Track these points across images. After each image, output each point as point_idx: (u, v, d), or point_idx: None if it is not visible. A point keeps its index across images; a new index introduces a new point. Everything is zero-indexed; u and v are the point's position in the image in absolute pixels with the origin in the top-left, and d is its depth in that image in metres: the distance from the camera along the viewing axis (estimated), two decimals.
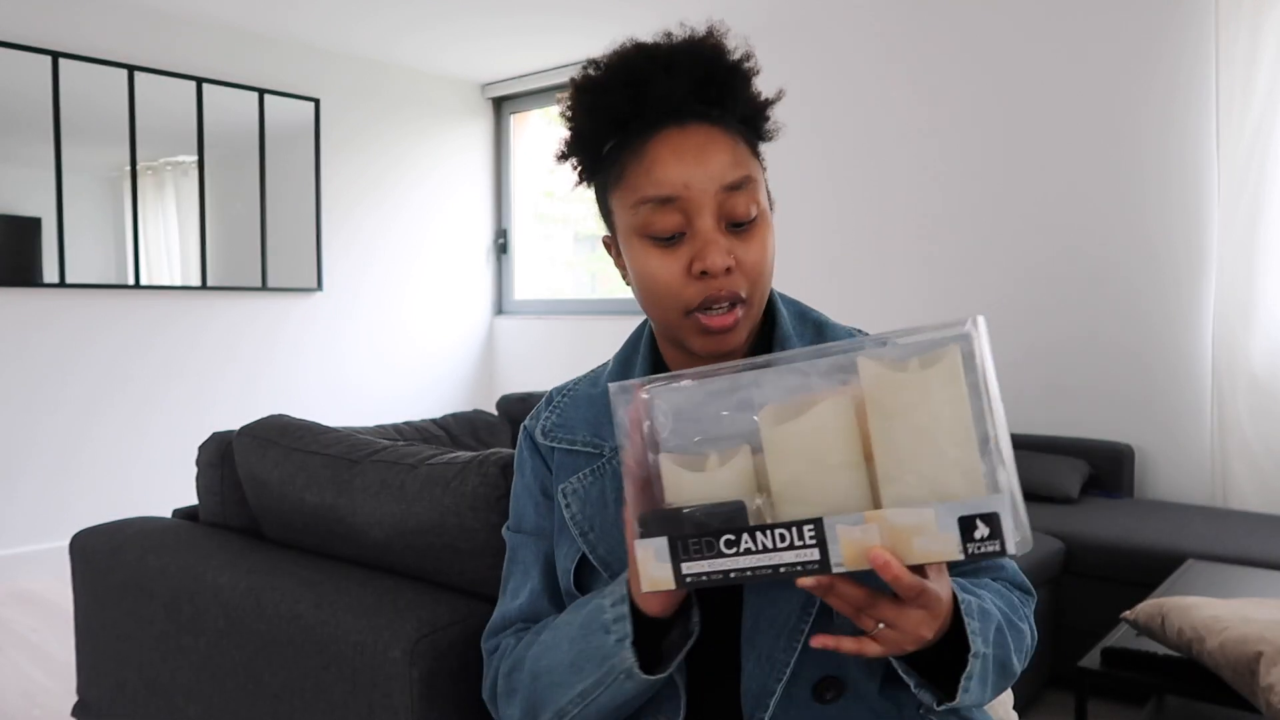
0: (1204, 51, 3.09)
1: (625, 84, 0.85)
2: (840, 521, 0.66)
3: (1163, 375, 3.19)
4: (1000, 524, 0.63)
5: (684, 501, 0.71)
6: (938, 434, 0.65)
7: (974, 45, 3.60)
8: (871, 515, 0.65)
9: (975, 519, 0.63)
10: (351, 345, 4.79)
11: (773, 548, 0.67)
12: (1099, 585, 2.52)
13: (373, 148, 4.83)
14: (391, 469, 1.31)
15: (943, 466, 0.65)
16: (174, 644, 1.45)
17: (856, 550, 0.66)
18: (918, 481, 0.66)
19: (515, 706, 0.91)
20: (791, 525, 0.67)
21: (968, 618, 0.76)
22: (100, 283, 3.88)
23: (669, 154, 0.82)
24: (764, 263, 0.84)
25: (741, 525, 0.68)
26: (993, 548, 0.63)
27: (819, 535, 0.66)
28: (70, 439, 3.84)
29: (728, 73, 0.86)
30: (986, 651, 0.77)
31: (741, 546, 0.68)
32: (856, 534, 0.66)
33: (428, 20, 4.24)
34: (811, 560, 0.67)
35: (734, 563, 0.68)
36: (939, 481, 0.65)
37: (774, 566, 0.67)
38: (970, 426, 0.65)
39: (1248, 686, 1.52)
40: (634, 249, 0.86)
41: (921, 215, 3.74)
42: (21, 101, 3.65)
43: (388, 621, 1.13)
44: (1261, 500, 2.95)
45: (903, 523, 0.65)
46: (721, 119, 0.85)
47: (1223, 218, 3.02)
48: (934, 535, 0.64)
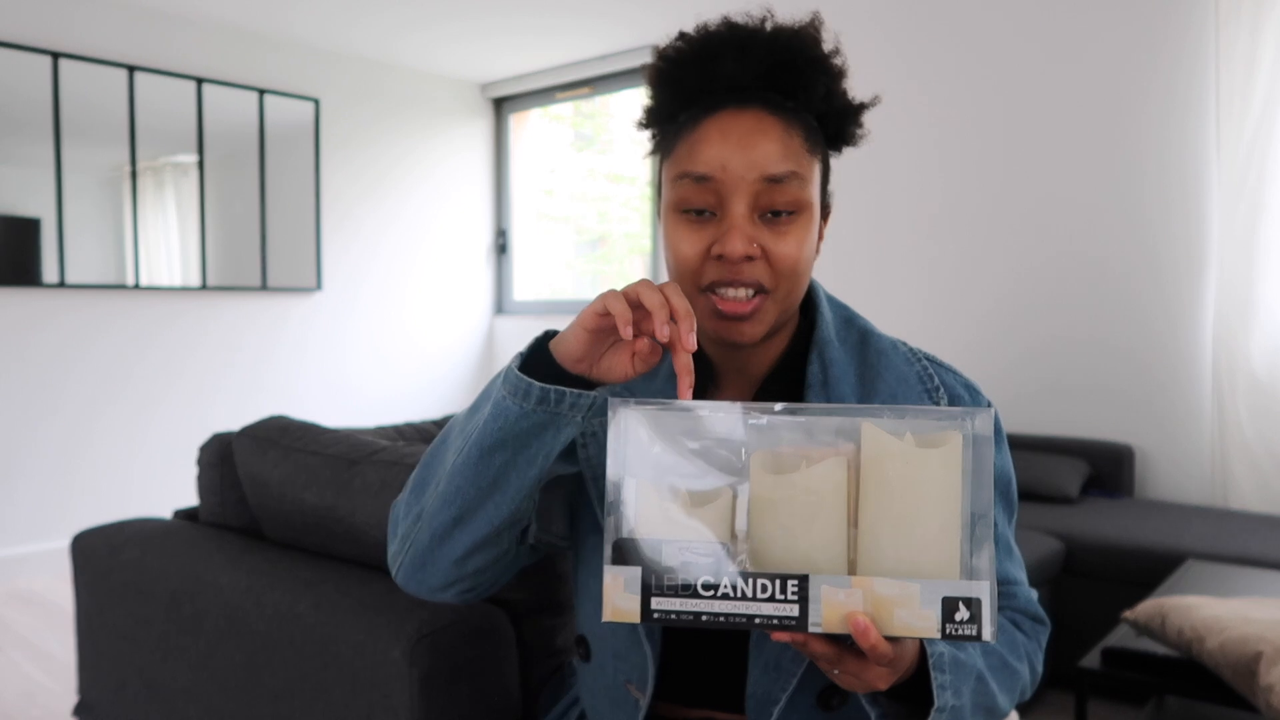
0: (1204, 52, 3.09)
1: (699, 59, 0.84)
2: (826, 581, 0.66)
3: (1163, 375, 3.19)
4: (982, 610, 0.64)
5: (659, 534, 0.68)
6: (927, 513, 0.66)
7: (974, 45, 3.60)
8: (858, 580, 0.66)
9: (959, 601, 0.64)
10: (351, 345, 4.79)
11: (752, 597, 0.66)
12: (1099, 585, 2.52)
13: (373, 148, 4.83)
14: (391, 469, 1.31)
15: (926, 545, 0.66)
16: (174, 644, 1.45)
17: (837, 612, 0.66)
18: (898, 555, 0.66)
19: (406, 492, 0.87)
20: (775, 577, 0.66)
21: (937, 671, 0.75)
22: (100, 283, 3.88)
23: (717, 134, 0.82)
24: (797, 259, 0.82)
25: (724, 571, 0.67)
26: (970, 632, 0.64)
27: (802, 592, 0.66)
28: (70, 439, 3.84)
29: (808, 63, 0.84)
30: (958, 703, 0.77)
31: (720, 591, 0.67)
32: (840, 596, 0.66)
33: (428, 20, 4.24)
34: (789, 616, 0.66)
35: (709, 606, 0.67)
36: (920, 559, 0.66)
37: (749, 616, 0.66)
38: (959, 513, 0.66)
39: (1248, 686, 1.52)
40: (669, 221, 0.86)
41: (921, 215, 3.74)
42: (21, 101, 3.65)
43: (388, 621, 1.13)
44: (1261, 500, 2.95)
45: (887, 593, 0.65)
46: (788, 109, 0.83)
47: (1223, 218, 3.02)
48: (915, 610, 0.65)
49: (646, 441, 0.70)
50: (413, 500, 0.85)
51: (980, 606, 0.64)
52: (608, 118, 5.19)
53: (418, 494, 0.85)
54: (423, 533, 0.83)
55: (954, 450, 0.66)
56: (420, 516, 0.83)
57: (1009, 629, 0.90)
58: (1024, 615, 0.93)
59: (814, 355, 0.89)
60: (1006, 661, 0.86)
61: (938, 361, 0.92)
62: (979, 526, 0.66)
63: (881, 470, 0.67)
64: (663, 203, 0.88)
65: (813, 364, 0.89)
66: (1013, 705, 0.86)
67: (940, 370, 0.91)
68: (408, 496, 0.87)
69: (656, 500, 0.69)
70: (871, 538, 0.67)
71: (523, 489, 0.79)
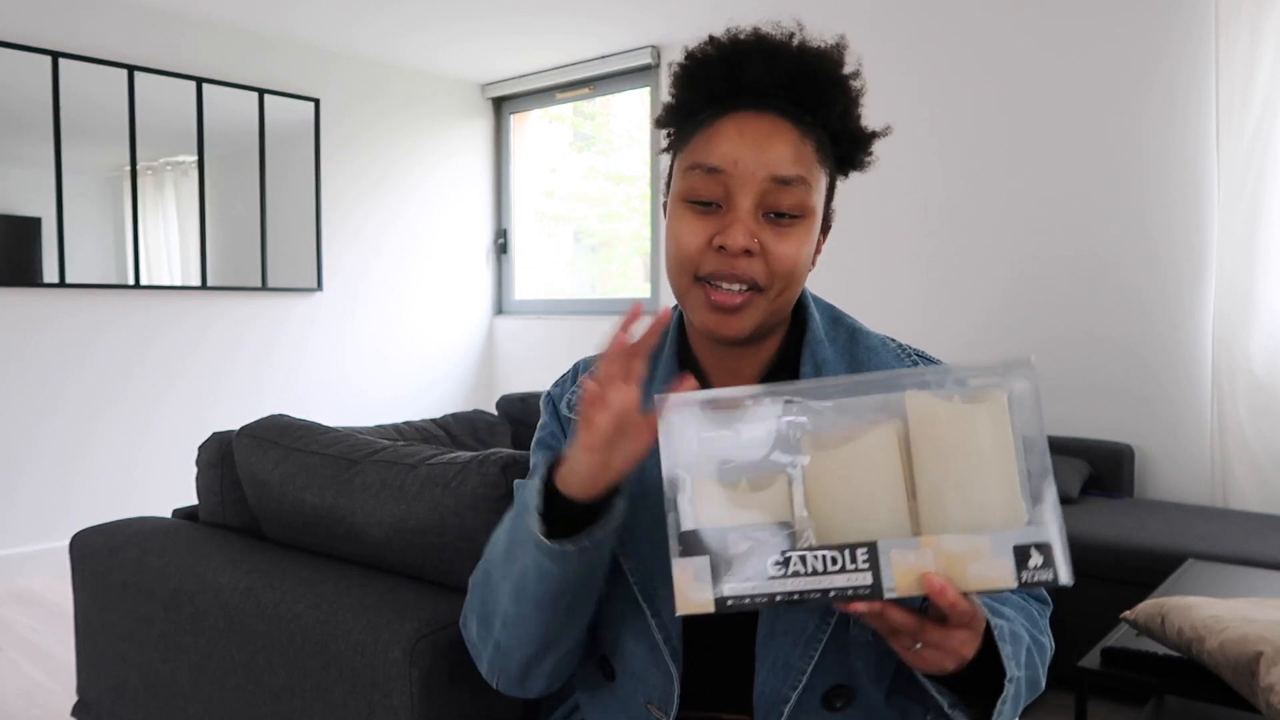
0: (1204, 52, 3.09)
1: (726, 61, 0.86)
2: (895, 546, 0.66)
3: (1163, 375, 3.19)
4: (1054, 554, 0.65)
5: (721, 523, 0.68)
6: (984, 467, 0.66)
7: (974, 46, 3.60)
8: (926, 540, 0.66)
9: (1030, 548, 0.65)
10: (351, 345, 4.79)
11: (823, 571, 0.66)
12: (1099, 585, 2.52)
13: (373, 148, 4.83)
14: (391, 469, 1.31)
15: (987, 499, 0.66)
16: (174, 644, 1.45)
17: (910, 575, 0.65)
18: (962, 512, 0.66)
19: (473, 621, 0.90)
20: (844, 548, 0.66)
21: (1001, 643, 0.76)
22: (100, 283, 3.88)
23: (733, 130, 0.84)
24: (794, 261, 0.84)
25: (792, 546, 0.67)
26: (1046, 576, 0.64)
27: (872, 559, 0.66)
28: (70, 439, 3.84)
29: (830, 81, 0.86)
30: (1020, 675, 0.77)
31: (790, 569, 0.67)
32: (911, 558, 0.66)
33: (428, 20, 4.24)
34: (864, 585, 0.66)
35: (781, 585, 0.67)
36: (983, 514, 0.66)
37: (823, 590, 0.66)
38: (1014, 462, 0.66)
39: (1248, 686, 1.52)
40: (674, 211, 0.87)
41: (922, 215, 3.74)
42: (21, 101, 3.64)
43: (388, 621, 1.13)
44: (1261, 500, 2.95)
45: (958, 549, 0.65)
46: (805, 120, 0.85)
47: (1223, 218, 3.02)
48: (989, 562, 0.65)
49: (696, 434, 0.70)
50: (483, 632, 0.88)
51: (1052, 550, 0.64)
52: (608, 118, 5.18)
53: (486, 626, 0.88)
54: (510, 661, 0.86)
55: (999, 404, 0.67)
56: (500, 648, 0.86)
57: (1026, 607, 0.90)
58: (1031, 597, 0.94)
59: (806, 356, 0.90)
60: (1036, 637, 0.87)
61: (928, 357, 0.93)
62: (1036, 475, 0.66)
63: (933, 432, 0.67)
64: (670, 194, 0.89)
65: (805, 365, 0.90)
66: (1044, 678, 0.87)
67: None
68: (477, 628, 0.90)
69: (715, 490, 0.69)
70: (933, 499, 0.67)
71: (590, 604, 0.84)
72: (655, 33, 4.33)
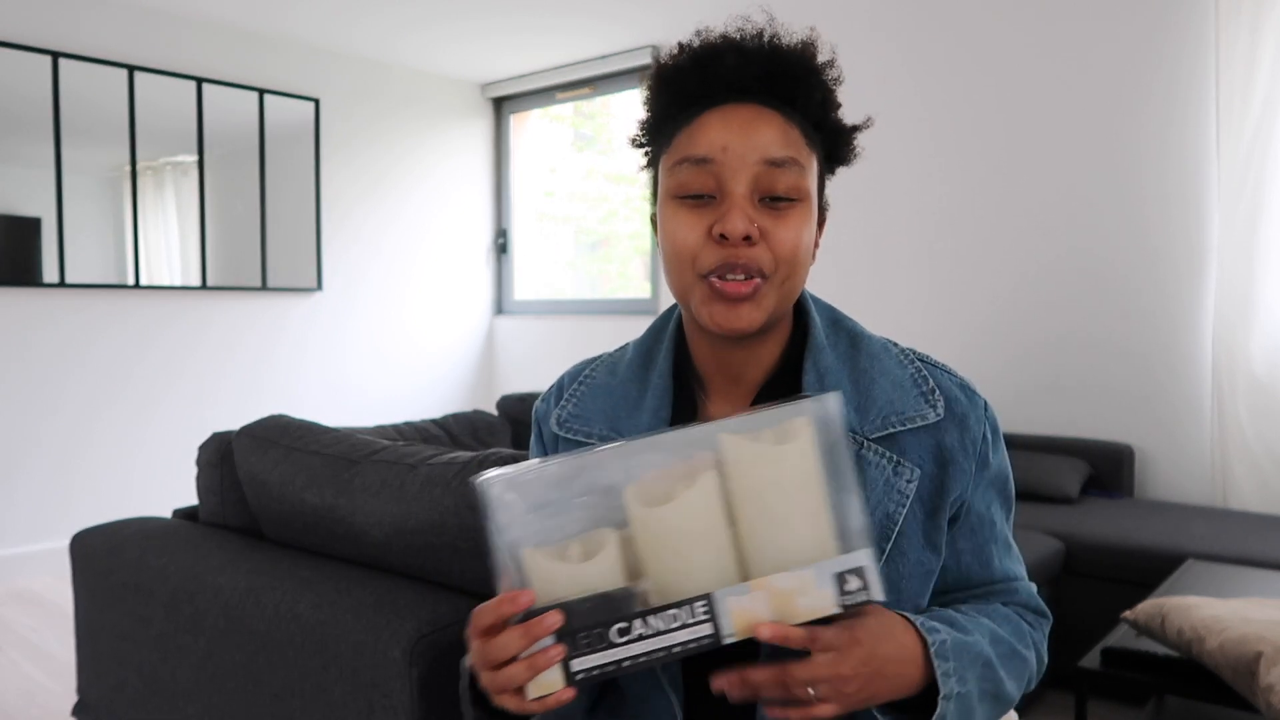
0: (1204, 52, 3.09)
1: (699, 63, 0.85)
2: (730, 593, 0.69)
3: (1163, 375, 3.19)
4: (868, 575, 0.70)
5: (559, 596, 0.69)
6: (797, 504, 0.71)
7: (975, 46, 3.60)
8: (756, 583, 0.69)
9: (847, 574, 0.70)
10: (351, 345, 4.79)
11: (665, 629, 0.69)
12: (1099, 585, 2.52)
13: (373, 148, 4.83)
14: (391, 469, 1.31)
15: (804, 534, 0.70)
16: (174, 644, 1.45)
17: (745, 618, 0.69)
18: (784, 549, 0.70)
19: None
20: (683, 604, 0.69)
21: (939, 659, 0.76)
22: (100, 283, 3.88)
23: (718, 120, 0.82)
24: (796, 245, 0.82)
25: (634, 611, 0.68)
26: (864, 597, 0.70)
27: (710, 609, 0.69)
28: (70, 439, 3.84)
29: (806, 73, 0.85)
30: (964, 690, 0.77)
31: (634, 633, 0.68)
32: (745, 602, 0.69)
33: (428, 20, 4.24)
34: (706, 635, 0.69)
35: (627, 651, 0.68)
36: (802, 548, 0.70)
37: (667, 648, 0.69)
38: (824, 496, 0.71)
39: (1247, 686, 1.52)
40: (666, 211, 0.85)
41: (922, 215, 3.74)
42: (21, 101, 3.64)
43: (388, 621, 1.13)
44: (1261, 500, 2.95)
45: (786, 586, 0.69)
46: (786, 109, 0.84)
47: (1223, 218, 3.02)
48: (815, 593, 0.69)
49: (523, 510, 0.71)
50: None
51: (866, 572, 0.70)
52: (608, 118, 5.18)
53: None
54: None
55: (807, 439, 0.71)
56: None
57: (1014, 619, 0.90)
58: (1026, 609, 0.92)
59: (809, 364, 0.88)
60: (1015, 649, 0.86)
61: (931, 362, 0.91)
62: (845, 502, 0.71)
63: (748, 476, 0.71)
64: (659, 196, 0.87)
65: (808, 374, 0.87)
66: (1020, 692, 0.86)
67: (934, 371, 0.89)
68: None
69: (550, 564, 0.70)
70: (756, 541, 0.71)
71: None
72: (655, 33, 4.33)
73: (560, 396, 0.96)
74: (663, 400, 0.89)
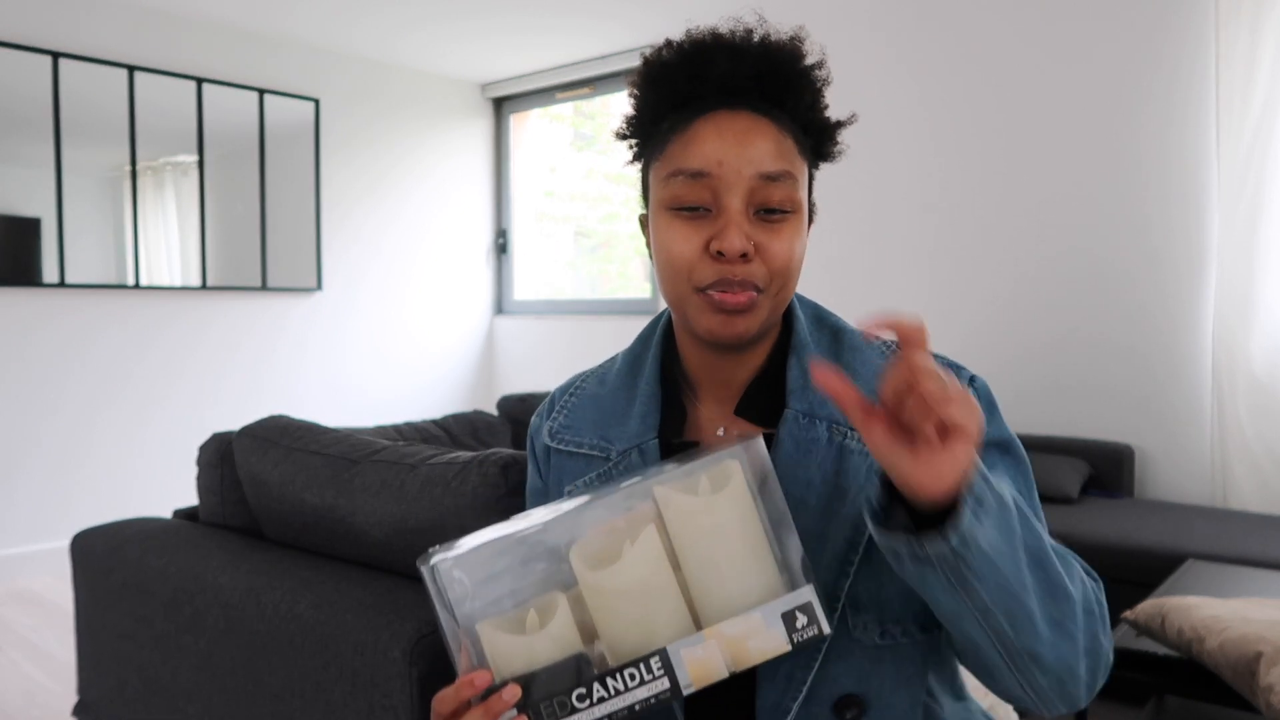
0: (1204, 52, 3.09)
1: (689, 64, 0.84)
2: (683, 645, 0.70)
3: (1163, 375, 3.19)
4: (814, 611, 0.71)
5: (516, 669, 0.71)
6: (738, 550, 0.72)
7: (975, 46, 3.60)
8: (709, 632, 0.71)
9: (794, 611, 0.71)
10: (351, 345, 4.79)
11: (624, 689, 0.70)
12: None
13: (373, 148, 4.83)
14: (391, 469, 1.31)
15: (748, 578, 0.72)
16: (174, 644, 1.45)
17: (702, 669, 0.70)
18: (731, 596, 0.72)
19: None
20: (638, 662, 0.70)
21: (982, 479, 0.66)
22: (100, 283, 3.88)
23: (711, 131, 0.82)
24: (789, 257, 0.82)
25: (592, 675, 0.70)
26: (813, 631, 0.71)
27: (665, 664, 0.70)
28: (70, 439, 3.84)
29: (796, 74, 0.85)
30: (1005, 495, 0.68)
31: (595, 697, 0.70)
32: (699, 653, 0.71)
33: (428, 20, 4.24)
34: (664, 690, 0.70)
35: (590, 714, 0.70)
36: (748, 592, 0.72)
37: (629, 707, 0.70)
38: (763, 537, 0.72)
39: (1248, 686, 1.52)
40: (660, 221, 0.85)
41: (921, 215, 3.74)
42: (21, 101, 3.64)
43: (388, 621, 1.13)
44: (1261, 500, 2.95)
45: (736, 631, 0.71)
46: (778, 116, 0.84)
47: (1223, 218, 3.02)
48: (765, 635, 0.71)
49: (471, 584, 0.73)
50: None
51: (812, 608, 0.71)
52: (608, 118, 5.18)
53: None
54: None
55: (738, 484, 0.72)
56: None
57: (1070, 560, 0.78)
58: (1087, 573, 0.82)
59: (793, 360, 0.89)
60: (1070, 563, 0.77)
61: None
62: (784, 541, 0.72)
63: (686, 528, 0.72)
64: (651, 205, 0.87)
65: (793, 369, 0.89)
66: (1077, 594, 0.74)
67: None
68: None
69: (505, 638, 0.72)
70: (703, 590, 0.72)
71: None
72: (655, 32, 4.33)
73: (552, 410, 0.98)
74: (650, 406, 0.91)
